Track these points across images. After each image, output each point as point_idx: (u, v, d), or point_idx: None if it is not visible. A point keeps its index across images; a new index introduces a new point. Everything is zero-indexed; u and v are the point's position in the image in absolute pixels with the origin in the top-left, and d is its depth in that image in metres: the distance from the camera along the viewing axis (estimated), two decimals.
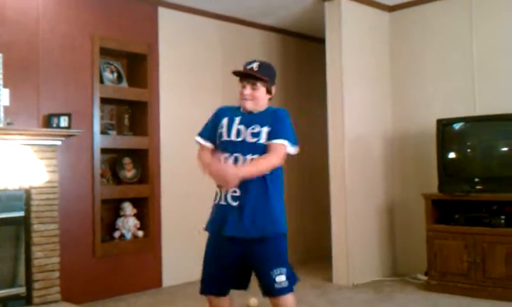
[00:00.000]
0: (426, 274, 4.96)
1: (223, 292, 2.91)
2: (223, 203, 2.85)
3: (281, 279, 2.77)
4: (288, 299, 2.81)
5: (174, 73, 5.44)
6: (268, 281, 2.78)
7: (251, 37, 6.21)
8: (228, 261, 2.85)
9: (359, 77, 5.39)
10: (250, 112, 2.92)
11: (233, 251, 2.83)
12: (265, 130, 2.83)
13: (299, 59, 6.76)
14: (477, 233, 4.58)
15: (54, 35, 4.61)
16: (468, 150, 5.03)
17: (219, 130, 2.96)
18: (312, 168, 6.67)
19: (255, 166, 2.74)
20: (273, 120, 2.86)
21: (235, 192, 2.80)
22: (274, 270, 2.77)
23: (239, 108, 2.97)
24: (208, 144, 3.01)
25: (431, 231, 4.84)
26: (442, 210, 4.90)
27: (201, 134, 3.07)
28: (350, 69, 5.30)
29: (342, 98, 5.24)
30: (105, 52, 4.98)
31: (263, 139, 2.82)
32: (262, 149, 2.80)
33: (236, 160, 2.82)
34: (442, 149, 4.92)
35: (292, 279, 2.84)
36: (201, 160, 2.97)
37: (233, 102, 3.14)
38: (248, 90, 2.89)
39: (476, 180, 4.73)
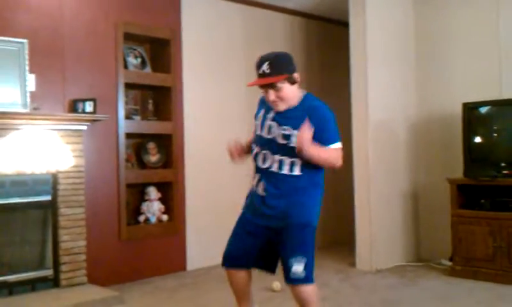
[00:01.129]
0: (451, 259, 4.93)
1: (242, 266, 2.96)
2: (255, 190, 2.92)
3: (297, 268, 2.75)
4: (305, 289, 2.79)
5: (197, 58, 5.45)
6: (285, 268, 2.80)
7: (273, 21, 6.18)
8: (249, 242, 2.92)
9: (383, 60, 5.34)
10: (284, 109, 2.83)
11: (259, 234, 2.90)
12: (296, 133, 2.72)
13: (322, 43, 6.71)
14: (503, 218, 4.52)
15: (78, 21, 4.65)
16: (494, 134, 4.95)
17: (256, 121, 2.95)
18: None
19: (320, 152, 2.72)
20: (315, 124, 2.70)
21: (264, 186, 2.85)
22: (292, 259, 2.76)
23: None
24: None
25: (456, 217, 4.80)
26: (467, 195, 4.84)
27: (254, 116, 3.04)
28: (374, 52, 5.25)
29: (366, 82, 5.19)
30: (128, 38, 5.01)
31: (294, 143, 2.72)
32: (292, 152, 2.74)
33: (264, 159, 2.84)
34: (468, 134, 4.85)
35: (311, 272, 2.81)
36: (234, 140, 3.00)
37: (255, 87, 3.10)
38: (272, 96, 2.77)
39: (502, 164, 4.66)
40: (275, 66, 2.73)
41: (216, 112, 5.57)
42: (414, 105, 5.61)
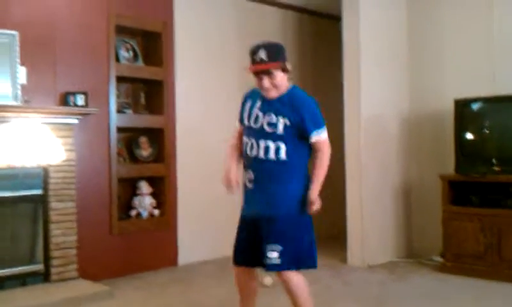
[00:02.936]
0: (442, 255, 4.95)
1: (246, 264, 3.03)
2: (245, 184, 2.99)
3: (271, 255, 2.81)
4: (289, 278, 2.85)
5: (189, 51, 5.42)
6: (262, 255, 2.86)
7: (266, 15, 6.16)
8: (245, 237, 3.01)
9: (376, 55, 5.33)
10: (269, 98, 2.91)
11: (248, 229, 2.99)
12: (281, 121, 2.84)
13: (315, 37, 6.70)
14: (494, 215, 4.55)
15: (69, 13, 4.59)
16: (486, 131, 4.95)
17: (243, 114, 3.03)
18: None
19: (320, 178, 2.92)
20: (296, 111, 2.84)
21: (251, 175, 2.93)
22: (268, 246, 2.83)
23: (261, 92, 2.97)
24: (240, 125, 3.10)
25: (447, 213, 4.82)
26: (459, 191, 4.86)
27: (238, 119, 3.12)
28: (367, 47, 5.24)
29: (358, 77, 5.19)
30: (120, 30, 4.97)
31: (280, 130, 2.84)
32: (278, 138, 2.84)
33: (252, 147, 2.91)
34: (459, 130, 4.87)
35: (289, 261, 2.84)
36: (225, 164, 3.04)
37: (248, 80, 3.11)
38: (266, 82, 2.85)
39: (493, 161, 4.68)
40: (272, 54, 2.83)
41: (208, 105, 5.55)
42: (406, 101, 5.61)
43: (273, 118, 2.85)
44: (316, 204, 2.88)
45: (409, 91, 5.62)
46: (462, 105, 4.87)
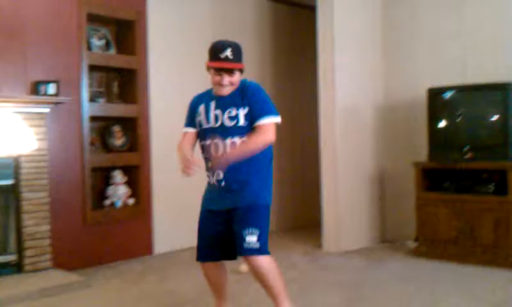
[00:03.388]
0: (416, 240, 5.01)
1: (213, 259, 3.06)
2: (210, 182, 3.02)
3: (251, 238, 2.83)
4: (261, 261, 2.85)
5: (163, 40, 5.37)
6: (239, 240, 2.86)
7: (241, 4, 6.14)
8: (214, 232, 3.02)
9: (350, 45, 5.35)
10: (222, 95, 2.95)
11: (217, 222, 3.00)
12: (241, 112, 2.89)
13: (290, 27, 6.70)
14: (466, 201, 4.62)
15: (40, 0, 4.51)
16: (459, 119, 5.02)
17: (197, 119, 3.05)
18: (303, 138, 6.68)
19: (243, 148, 2.84)
20: (248, 99, 2.90)
21: (219, 175, 2.93)
22: (245, 230, 2.84)
23: (209, 91, 3.06)
24: (191, 129, 3.09)
25: (421, 199, 4.88)
26: (432, 179, 4.92)
27: (185, 125, 3.15)
28: (341, 37, 5.26)
29: (332, 67, 5.21)
30: (92, 18, 4.90)
31: (241, 122, 2.89)
32: (241, 131, 2.88)
33: (217, 146, 2.91)
34: (432, 118, 4.92)
35: (265, 244, 2.87)
36: (180, 153, 2.99)
37: None
38: (226, 79, 2.91)
39: (466, 148, 4.74)
40: (237, 54, 2.92)
41: (182, 94, 5.45)
42: (380, 90, 5.65)
43: (232, 111, 2.90)
44: (220, 163, 2.83)
45: (384, 81, 5.66)
46: (435, 94, 4.92)
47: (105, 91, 5.13)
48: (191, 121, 3.10)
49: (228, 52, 2.89)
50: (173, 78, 5.43)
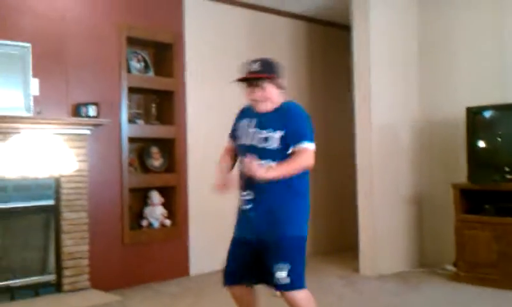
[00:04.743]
0: (455, 265, 4.91)
1: (240, 283, 2.99)
2: (241, 206, 2.94)
3: (280, 274, 2.75)
4: (294, 296, 2.78)
5: (200, 62, 5.44)
6: (270, 275, 2.80)
7: (276, 25, 6.18)
8: (243, 259, 2.93)
9: (386, 64, 5.33)
10: (264, 113, 2.87)
11: (247, 250, 2.90)
12: (277, 135, 2.78)
13: (325, 46, 6.70)
14: (507, 223, 4.50)
15: (81, 25, 4.64)
16: (498, 139, 4.92)
17: (237, 132, 3.00)
18: (339, 157, 6.63)
19: (284, 167, 2.74)
20: (287, 121, 2.80)
21: (249, 195, 2.85)
22: (275, 266, 2.76)
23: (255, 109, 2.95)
24: (232, 142, 3.06)
25: (460, 222, 4.78)
26: (471, 200, 4.82)
27: (228, 136, 3.12)
28: (377, 56, 5.24)
29: (369, 86, 5.18)
30: (131, 42, 5.00)
31: (274, 144, 2.78)
32: (273, 154, 2.77)
33: (248, 164, 2.80)
34: (471, 138, 4.84)
35: (298, 278, 2.79)
36: (217, 166, 3.00)
37: None
38: (256, 93, 2.86)
39: (506, 169, 4.64)
40: (265, 66, 2.86)
41: (219, 116, 5.54)
42: (417, 109, 5.59)
43: (268, 133, 2.80)
44: (256, 173, 2.68)
45: (420, 99, 5.59)
46: (474, 113, 4.85)
47: (144, 112, 5.22)
48: (233, 133, 3.07)
49: (256, 65, 2.85)
50: (210, 100, 5.48)
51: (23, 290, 4.16)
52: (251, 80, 2.86)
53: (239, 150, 2.97)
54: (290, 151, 2.80)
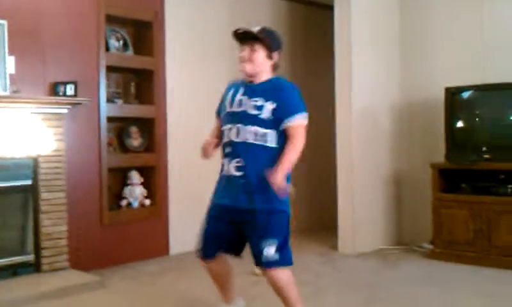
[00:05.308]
0: (432, 243, 4.98)
1: (216, 254, 3.00)
2: (226, 174, 2.89)
3: (269, 251, 2.74)
4: (278, 273, 2.78)
5: (180, 41, 5.39)
6: (256, 252, 2.80)
7: (258, 4, 6.14)
8: (221, 230, 2.93)
9: (367, 44, 5.33)
10: (252, 83, 2.88)
11: (227, 222, 2.90)
12: (268, 105, 2.79)
13: (307, 26, 6.68)
14: (484, 202, 4.58)
15: (58, 1, 4.55)
16: (477, 119, 4.98)
17: (224, 103, 2.99)
18: (320, 137, 6.64)
19: (287, 161, 2.75)
20: (278, 94, 2.81)
21: (238, 162, 2.82)
22: (264, 241, 2.75)
23: (244, 80, 2.96)
24: (218, 123, 3.07)
25: (437, 201, 4.84)
26: (449, 180, 4.88)
27: (216, 113, 3.13)
28: (358, 37, 5.24)
29: (349, 67, 5.19)
30: (110, 19, 4.93)
31: (265, 114, 2.78)
32: (262, 123, 2.78)
33: (238, 132, 2.83)
34: (450, 118, 4.88)
35: (285, 255, 2.80)
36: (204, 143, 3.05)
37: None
38: (246, 52, 2.84)
39: (484, 149, 4.70)
40: (265, 32, 2.87)
41: (200, 95, 5.52)
42: (397, 90, 5.62)
43: (258, 101, 2.80)
44: (281, 188, 2.70)
45: (400, 80, 5.62)
46: (452, 93, 4.89)
47: (123, 91, 5.16)
48: (219, 107, 3.08)
49: (256, 28, 2.85)
50: (190, 79, 5.45)
51: (1, 271, 4.11)
52: (245, 37, 2.85)
53: (225, 119, 2.94)
54: (282, 127, 2.79)
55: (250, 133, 2.79)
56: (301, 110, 2.84)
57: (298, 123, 2.81)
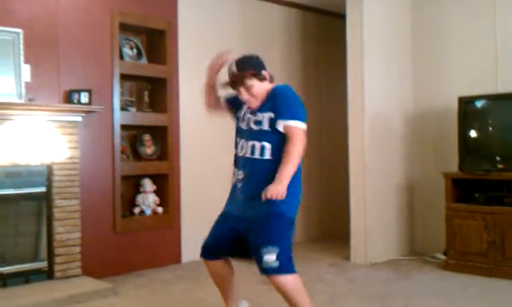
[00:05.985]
0: (445, 253, 4.95)
1: (216, 257, 3.11)
2: (233, 184, 3.04)
3: (269, 258, 2.73)
4: (282, 280, 2.76)
5: (193, 49, 5.42)
6: (257, 258, 2.81)
7: (270, 13, 6.16)
8: (224, 232, 3.03)
9: (379, 53, 5.33)
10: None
11: (232, 225, 2.99)
12: (266, 116, 2.89)
13: (318, 35, 6.69)
14: (497, 213, 4.54)
15: (73, 11, 4.61)
16: (490, 128, 4.95)
17: (237, 115, 3.12)
18: (331, 146, 6.65)
19: (284, 174, 2.75)
20: (274, 102, 2.89)
21: (240, 175, 2.96)
22: (264, 248, 2.75)
23: None
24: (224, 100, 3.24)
25: (451, 210, 4.81)
26: (462, 189, 4.85)
27: (226, 97, 3.27)
28: (370, 45, 5.24)
29: (362, 75, 5.18)
30: (124, 28, 4.98)
31: (265, 126, 2.88)
32: (264, 136, 2.87)
33: (242, 147, 2.97)
34: (463, 127, 4.86)
35: (286, 262, 2.78)
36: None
37: None
38: (244, 94, 2.95)
39: (497, 158, 4.67)
40: (242, 64, 2.95)
41: None
42: (410, 98, 5.60)
43: (259, 116, 2.92)
44: (279, 196, 2.72)
45: (413, 89, 5.61)
46: (466, 103, 4.87)
47: (136, 99, 5.20)
48: (231, 98, 3.19)
49: (233, 67, 2.95)
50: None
51: (14, 278, 4.15)
52: (234, 83, 2.97)
53: (237, 133, 3.08)
54: (278, 127, 2.85)
55: (249, 148, 2.92)
56: (297, 117, 2.86)
57: (293, 123, 2.84)
